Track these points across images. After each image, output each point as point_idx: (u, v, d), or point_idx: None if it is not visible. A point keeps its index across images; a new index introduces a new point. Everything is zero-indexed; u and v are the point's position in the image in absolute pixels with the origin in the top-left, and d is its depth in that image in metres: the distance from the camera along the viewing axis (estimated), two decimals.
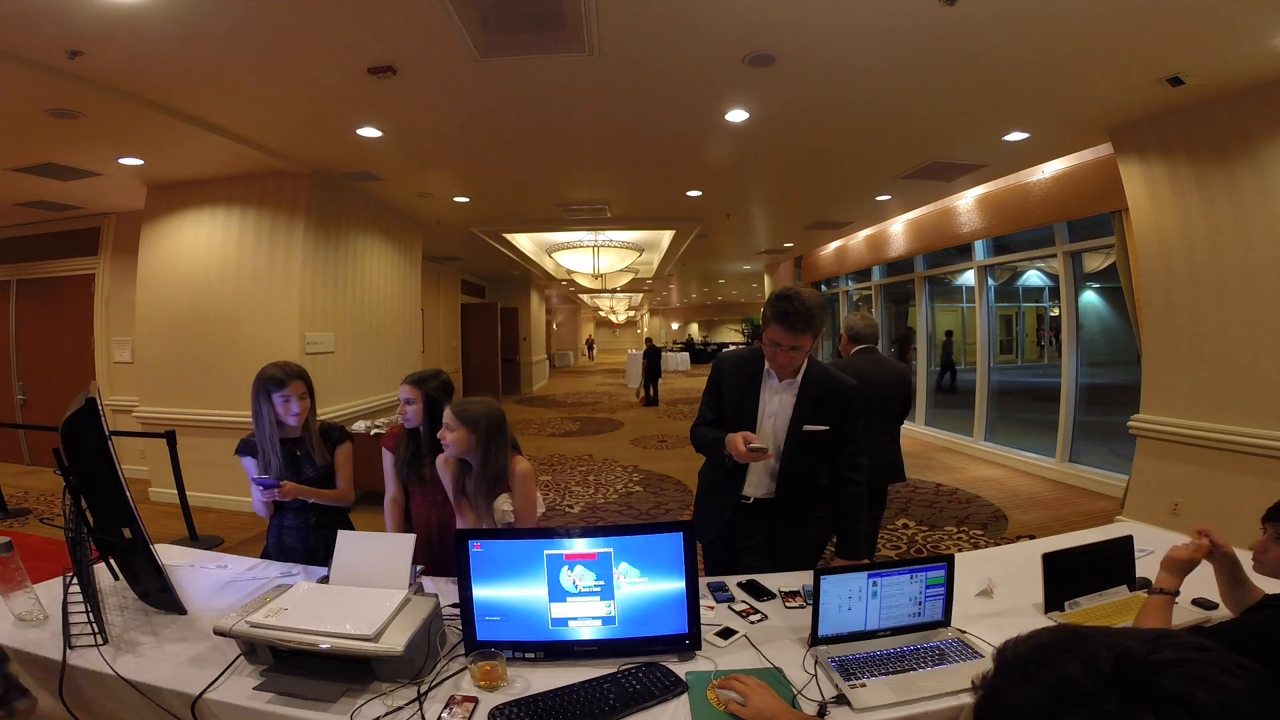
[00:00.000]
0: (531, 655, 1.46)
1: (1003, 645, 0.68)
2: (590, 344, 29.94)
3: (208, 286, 4.96)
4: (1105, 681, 0.57)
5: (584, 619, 1.47)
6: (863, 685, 1.33)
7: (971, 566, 1.84)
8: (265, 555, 2.22)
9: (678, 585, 1.47)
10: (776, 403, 1.97)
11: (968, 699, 1.29)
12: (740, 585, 1.85)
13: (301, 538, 2.22)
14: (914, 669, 1.39)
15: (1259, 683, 0.55)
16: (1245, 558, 1.42)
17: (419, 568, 1.63)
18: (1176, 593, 1.40)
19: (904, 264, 8.30)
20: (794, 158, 4.92)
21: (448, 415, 1.93)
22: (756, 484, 2.01)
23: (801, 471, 1.98)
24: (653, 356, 12.63)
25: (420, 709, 1.25)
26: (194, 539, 4.23)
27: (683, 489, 5.76)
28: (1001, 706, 0.63)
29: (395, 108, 3.64)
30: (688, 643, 1.47)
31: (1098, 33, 2.82)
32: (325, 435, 2.25)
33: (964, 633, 1.53)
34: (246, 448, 2.20)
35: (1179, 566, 1.43)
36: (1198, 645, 0.57)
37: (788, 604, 1.73)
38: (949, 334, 8.72)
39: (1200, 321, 3.75)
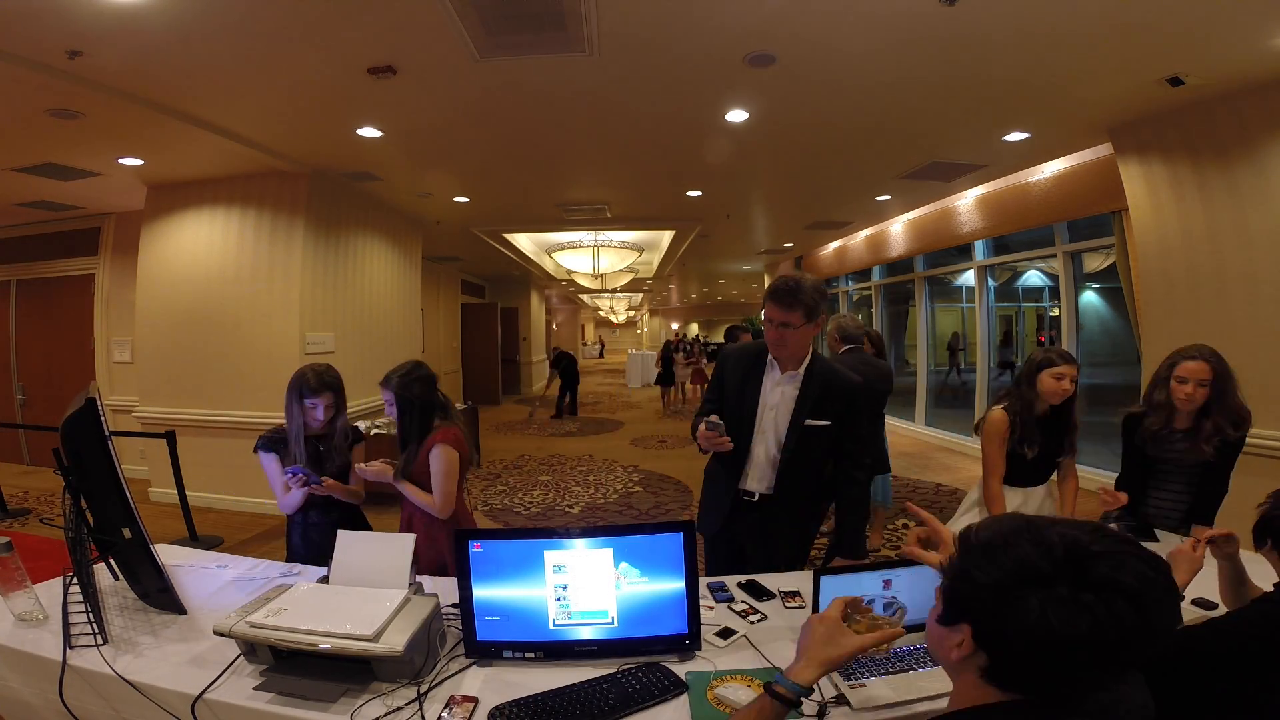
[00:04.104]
0: (531, 655, 1.45)
1: (964, 531, 0.76)
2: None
3: (208, 287, 4.96)
4: (1057, 564, 0.67)
5: (584, 619, 1.47)
6: (862, 685, 1.33)
7: None
8: (291, 554, 2.23)
9: (678, 585, 1.47)
10: (778, 395, 1.95)
11: None
12: (740, 585, 1.84)
13: (328, 534, 2.20)
14: (914, 669, 1.39)
15: (1169, 573, 0.67)
16: (1251, 559, 1.42)
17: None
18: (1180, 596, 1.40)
19: (904, 264, 8.30)
20: (794, 158, 4.92)
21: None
22: (758, 478, 2.00)
23: (802, 467, 1.96)
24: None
25: (420, 709, 1.25)
26: (194, 539, 4.23)
27: (683, 489, 5.76)
28: (970, 585, 0.72)
29: (395, 108, 3.64)
30: (688, 643, 1.47)
31: (1098, 33, 2.82)
32: (346, 434, 2.28)
33: None
34: (267, 444, 2.21)
35: (1185, 563, 1.41)
36: (1125, 539, 0.69)
37: (787, 604, 1.73)
38: (955, 335, 8.72)
39: (1200, 321, 3.74)
